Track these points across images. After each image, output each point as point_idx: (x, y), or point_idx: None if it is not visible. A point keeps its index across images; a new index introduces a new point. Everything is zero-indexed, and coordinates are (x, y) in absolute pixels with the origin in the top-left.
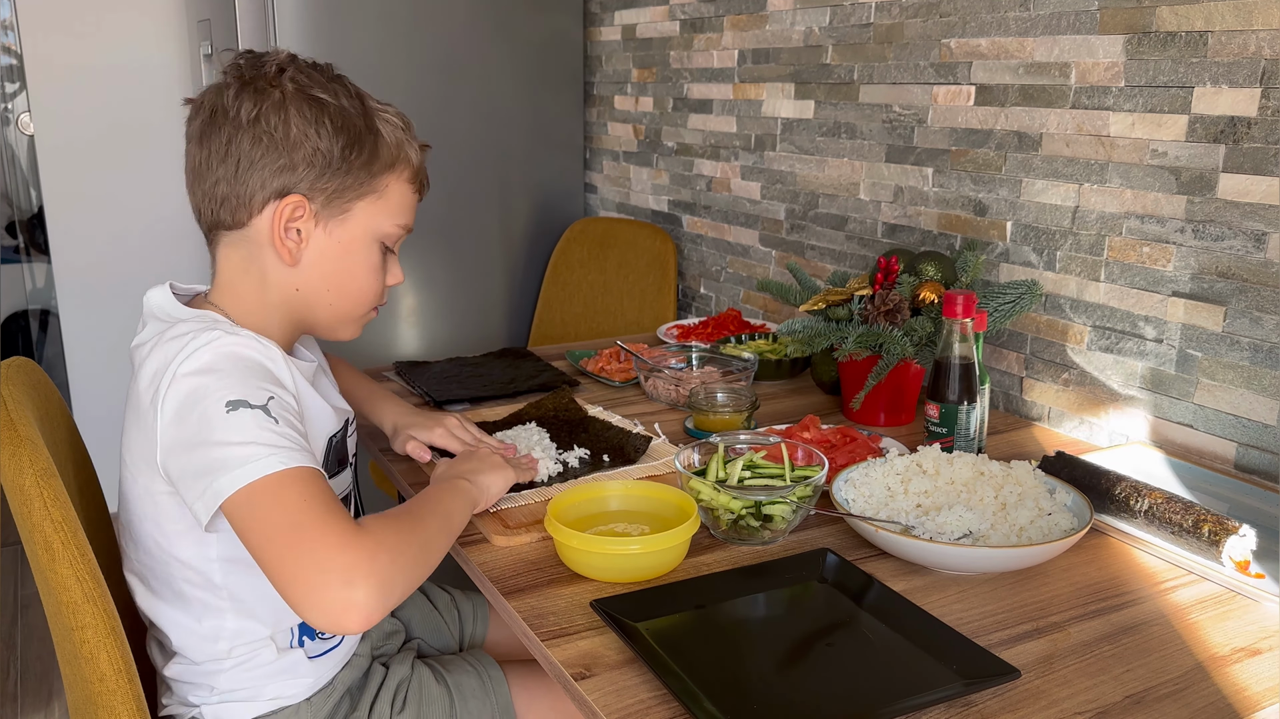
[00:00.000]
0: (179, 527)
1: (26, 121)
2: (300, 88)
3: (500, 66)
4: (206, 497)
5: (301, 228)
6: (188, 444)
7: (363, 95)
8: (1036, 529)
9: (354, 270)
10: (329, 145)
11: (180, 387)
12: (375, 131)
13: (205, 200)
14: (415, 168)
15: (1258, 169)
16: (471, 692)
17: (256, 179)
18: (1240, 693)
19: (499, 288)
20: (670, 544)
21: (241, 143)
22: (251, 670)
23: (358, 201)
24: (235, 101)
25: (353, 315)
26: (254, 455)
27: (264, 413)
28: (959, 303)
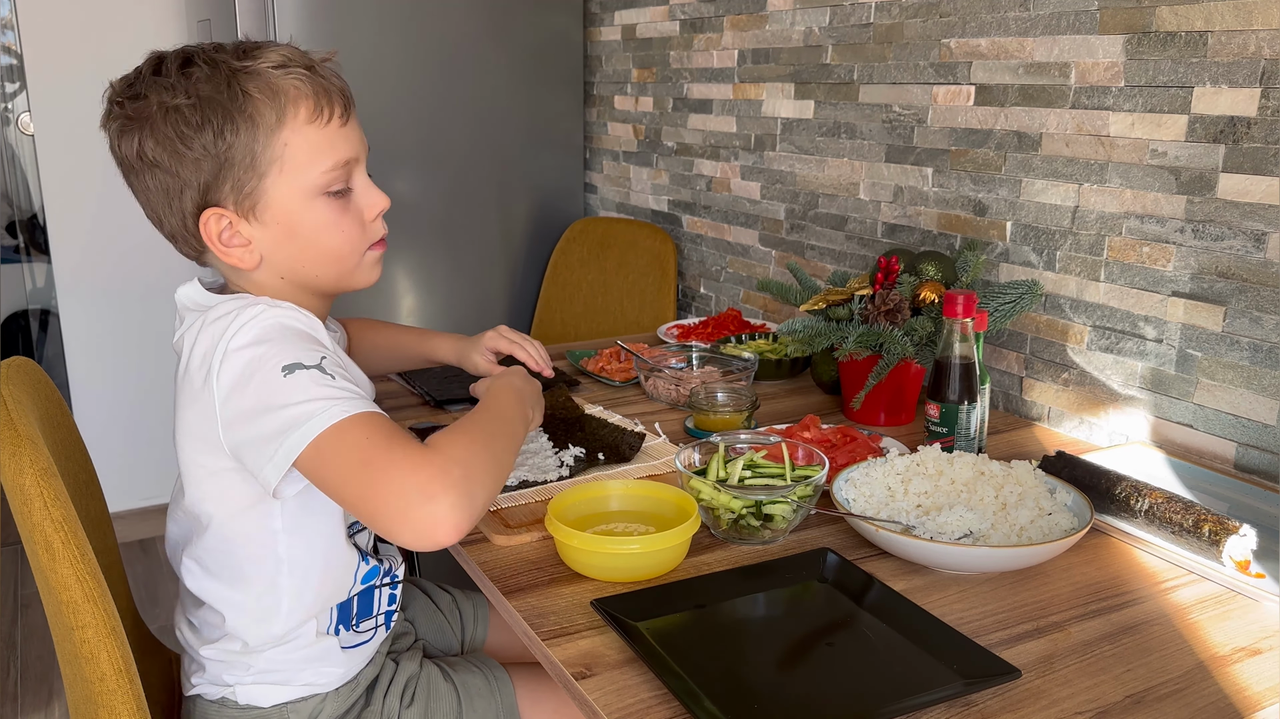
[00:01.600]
0: (243, 502)
1: (26, 121)
2: (160, 103)
3: (500, 66)
4: (278, 458)
5: (239, 231)
6: (250, 414)
7: (220, 63)
8: (1037, 529)
9: (313, 238)
10: (200, 144)
11: (234, 361)
12: (242, 98)
13: (169, 239)
14: (310, 102)
15: (1258, 169)
16: (478, 691)
17: (175, 209)
18: (1240, 693)
19: (499, 288)
20: (670, 544)
21: (145, 183)
22: (290, 654)
23: (265, 179)
24: (120, 147)
25: (347, 269)
26: (317, 410)
27: (319, 371)
28: (959, 303)
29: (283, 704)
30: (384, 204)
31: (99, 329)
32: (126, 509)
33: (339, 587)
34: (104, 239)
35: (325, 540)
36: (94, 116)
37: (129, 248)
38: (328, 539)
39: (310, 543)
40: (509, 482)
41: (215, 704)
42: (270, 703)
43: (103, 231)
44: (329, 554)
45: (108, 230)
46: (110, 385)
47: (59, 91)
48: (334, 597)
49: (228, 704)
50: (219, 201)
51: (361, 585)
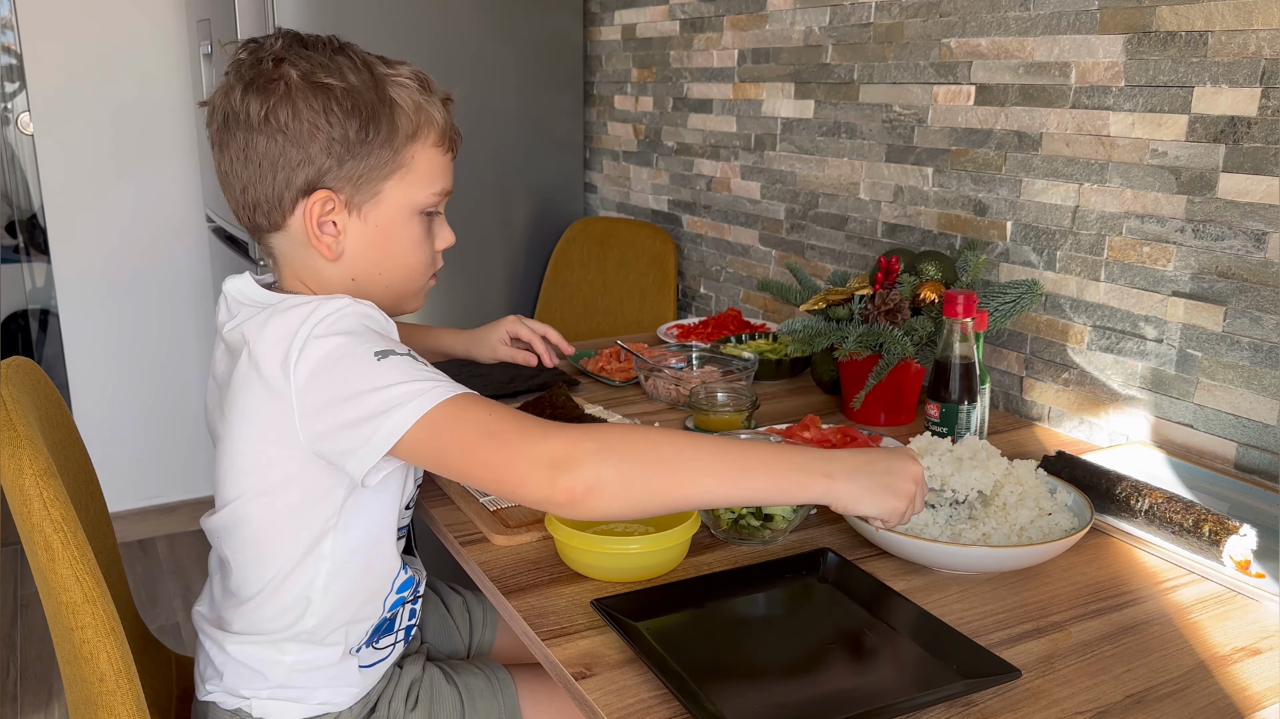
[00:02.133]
0: (307, 494)
1: (26, 121)
2: (303, 74)
3: (500, 66)
4: (376, 439)
5: (336, 220)
6: (336, 399)
7: (370, 63)
8: (1037, 529)
9: (400, 249)
10: (343, 131)
11: (317, 349)
12: (389, 103)
13: (240, 207)
14: (441, 128)
15: (1258, 169)
16: (480, 693)
17: (281, 179)
18: (1241, 693)
19: (499, 287)
20: (670, 544)
21: (257, 144)
22: (311, 670)
23: (386, 181)
24: (243, 103)
25: (410, 290)
26: (424, 389)
27: (412, 358)
28: (959, 302)
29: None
30: (453, 240)
31: (99, 329)
32: (126, 509)
33: (374, 594)
34: (104, 239)
35: (374, 539)
36: (94, 116)
37: (129, 248)
38: (376, 538)
39: (359, 539)
40: None
41: (229, 714)
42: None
43: (103, 231)
44: (375, 553)
45: (108, 230)
46: (110, 385)
47: (59, 91)
48: (367, 608)
49: (242, 716)
50: (333, 186)
51: (396, 595)
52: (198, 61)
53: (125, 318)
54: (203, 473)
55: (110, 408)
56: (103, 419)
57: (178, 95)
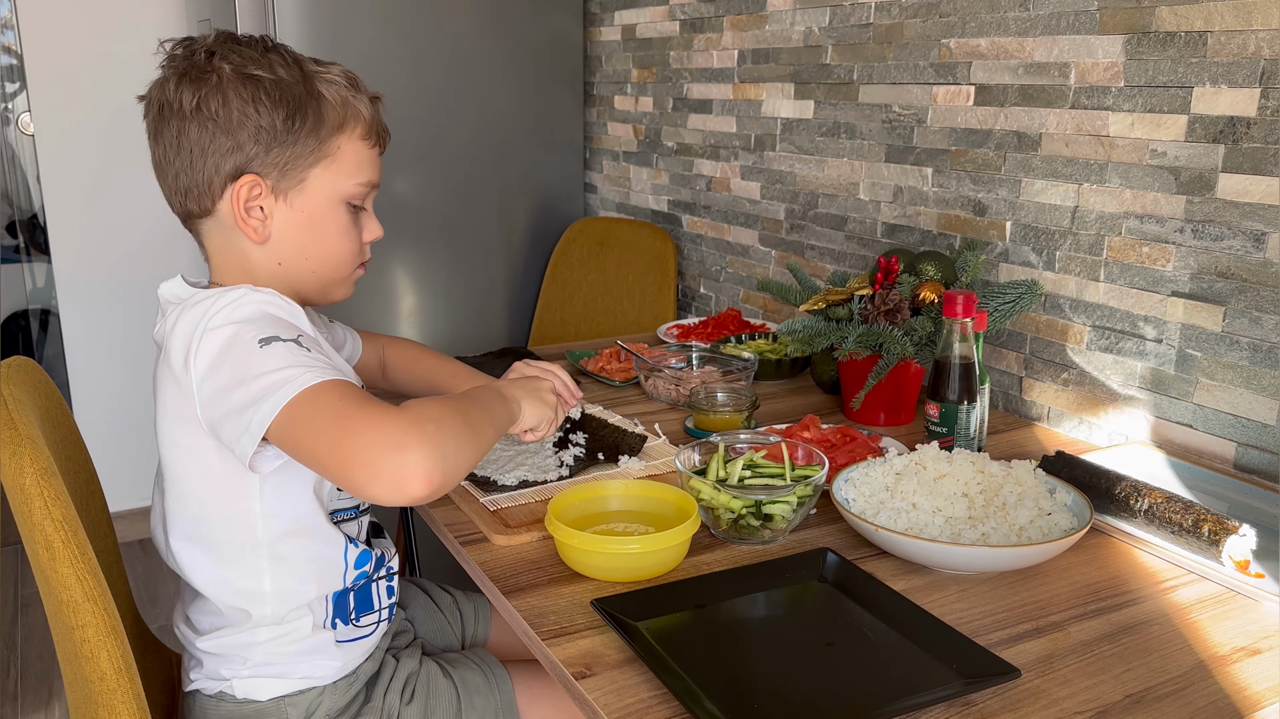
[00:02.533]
0: (222, 482)
1: (26, 121)
2: (235, 67)
3: (500, 66)
4: (252, 427)
5: (263, 204)
6: (226, 387)
7: (301, 61)
8: (1036, 529)
9: (325, 236)
10: (270, 119)
11: (212, 339)
12: (317, 96)
13: (172, 193)
14: (368, 123)
15: (1257, 169)
16: (477, 688)
17: (210, 165)
18: (1240, 692)
19: (499, 288)
20: (670, 544)
21: (189, 132)
22: (286, 646)
23: (312, 169)
24: (176, 93)
25: (336, 278)
26: (290, 377)
27: (295, 344)
28: (959, 302)
29: (280, 698)
30: (380, 233)
31: (99, 329)
32: (126, 509)
33: (329, 569)
34: (104, 239)
35: (303, 522)
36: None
37: (129, 248)
38: (305, 520)
39: (288, 525)
40: (508, 481)
41: (213, 699)
42: (268, 696)
43: (103, 231)
44: (310, 534)
45: (108, 230)
46: (110, 385)
47: (59, 91)
48: (326, 581)
49: (225, 698)
50: (260, 171)
51: (355, 571)
52: None
53: (125, 318)
54: None
55: (110, 408)
56: (103, 419)
57: None
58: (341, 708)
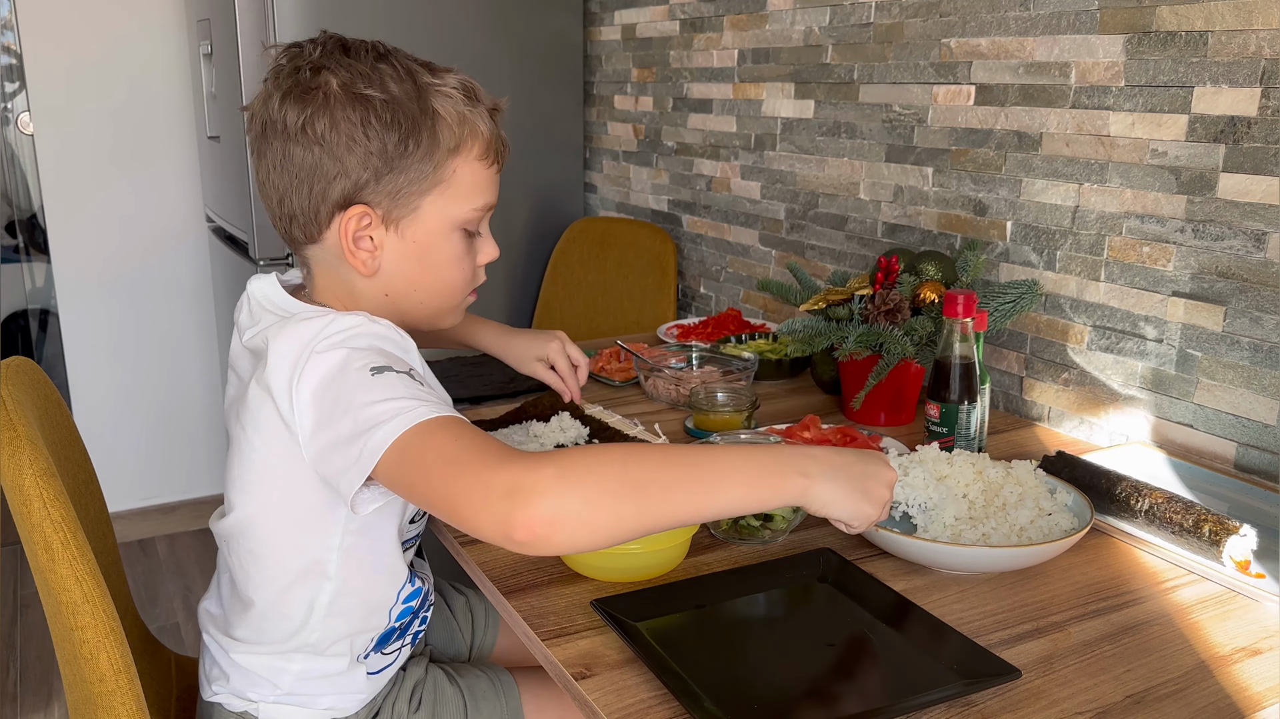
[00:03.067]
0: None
1: (26, 121)
2: (343, 84)
3: (500, 66)
4: (363, 458)
5: (373, 235)
6: (332, 417)
7: (414, 72)
8: (1037, 529)
9: (438, 266)
10: (381, 144)
11: (318, 364)
12: (432, 114)
13: (277, 218)
14: (485, 140)
15: (1258, 169)
16: (484, 695)
17: (317, 192)
18: (1241, 693)
19: (499, 288)
20: (670, 544)
21: (294, 154)
22: (319, 676)
23: (425, 196)
24: (280, 111)
25: (447, 308)
26: (405, 408)
27: (409, 376)
28: (959, 302)
29: None
30: (496, 254)
31: (99, 329)
32: (126, 509)
33: (378, 608)
34: (104, 239)
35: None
36: (94, 116)
37: (129, 248)
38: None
39: (362, 561)
40: None
41: (236, 715)
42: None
43: (103, 231)
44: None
45: (108, 230)
46: (110, 385)
47: (59, 91)
48: (372, 620)
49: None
50: (370, 200)
51: (403, 606)
52: (198, 62)
53: (125, 318)
54: (203, 473)
55: (110, 408)
56: (103, 419)
57: (178, 95)
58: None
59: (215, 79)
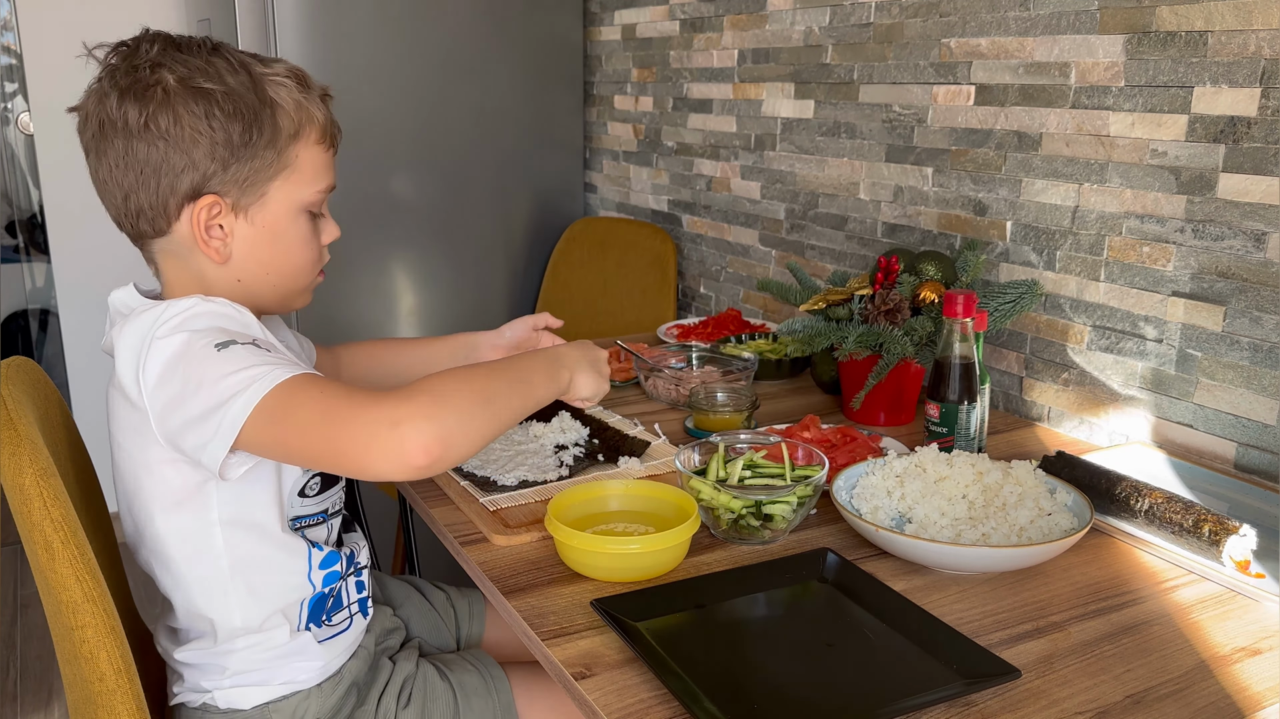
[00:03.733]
0: (178, 495)
1: (26, 121)
2: (181, 79)
3: (500, 66)
4: (223, 429)
5: (223, 224)
6: (183, 395)
7: (247, 63)
8: (1036, 529)
9: (288, 248)
10: (226, 134)
11: (160, 349)
12: (270, 103)
13: (122, 215)
14: (322, 126)
15: (1258, 169)
16: (475, 690)
17: (165, 185)
18: (1241, 693)
19: (499, 288)
20: (670, 544)
21: (137, 151)
22: (264, 652)
23: (272, 182)
24: (119, 110)
25: (297, 288)
26: (258, 375)
27: (254, 345)
28: (959, 302)
29: (264, 705)
30: (338, 234)
31: (99, 329)
32: None
33: (294, 577)
34: (104, 239)
35: (262, 530)
36: None
37: (129, 248)
38: (264, 529)
39: (248, 532)
40: (508, 481)
41: (197, 712)
42: (251, 704)
43: (103, 232)
44: (271, 543)
45: (108, 230)
46: None
47: (59, 91)
48: (295, 589)
49: (210, 710)
50: (219, 190)
51: (323, 572)
52: None
53: None
54: None
55: None
56: (102, 419)
57: None
58: (331, 710)
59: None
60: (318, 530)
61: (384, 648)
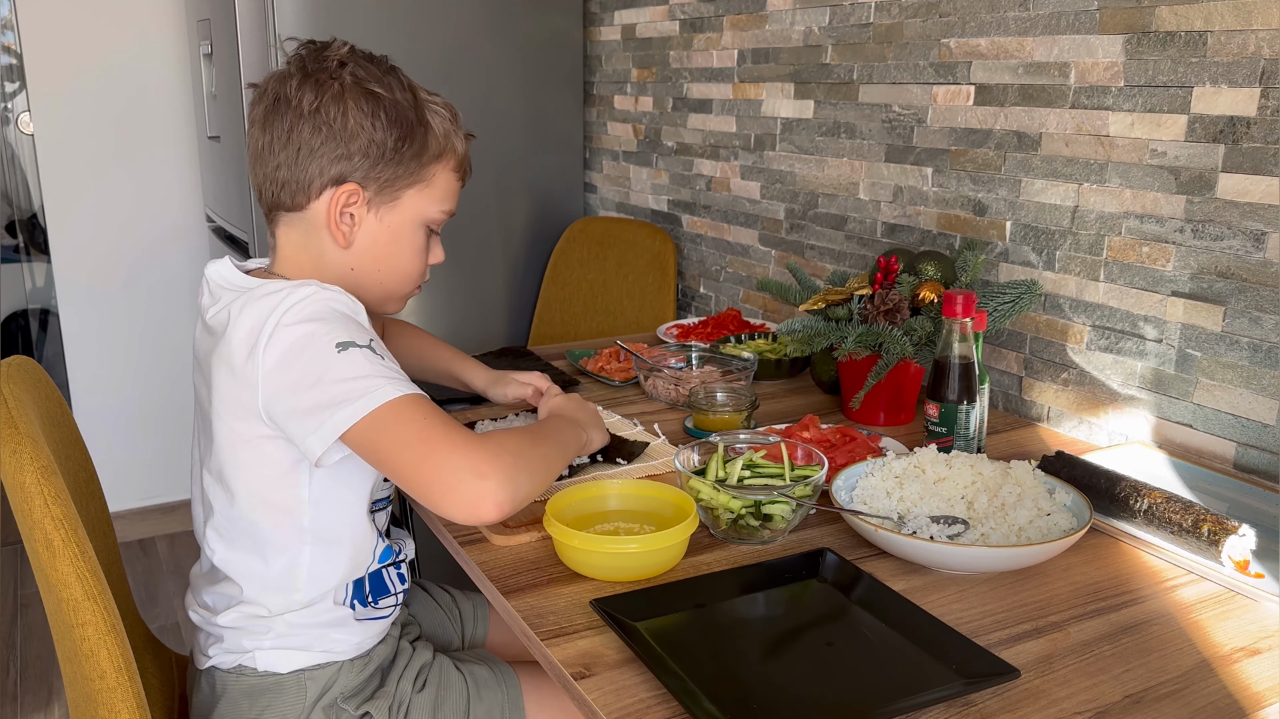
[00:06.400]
0: (278, 469)
1: (26, 121)
2: (358, 80)
3: (500, 66)
4: (325, 429)
5: (355, 213)
6: (297, 386)
7: (414, 88)
8: (1036, 529)
9: (402, 252)
10: (383, 137)
11: (284, 336)
12: (425, 124)
13: (266, 182)
14: (460, 157)
15: (1257, 169)
16: (486, 683)
17: (315, 166)
18: (1240, 692)
19: (499, 287)
20: (669, 543)
21: (302, 131)
22: (309, 618)
23: (407, 190)
24: (298, 91)
25: (399, 293)
26: (374, 386)
27: (371, 350)
28: (959, 302)
29: (300, 670)
30: (443, 258)
31: (99, 329)
32: (126, 509)
33: (359, 562)
34: (104, 239)
35: (350, 514)
36: (94, 116)
37: (129, 247)
38: (352, 513)
39: (335, 515)
40: None
41: (232, 674)
42: (289, 668)
43: (103, 231)
44: (353, 528)
45: (108, 230)
46: (110, 385)
47: (59, 91)
48: (353, 572)
49: (245, 672)
50: (361, 182)
51: (378, 564)
52: (198, 61)
53: (125, 318)
54: None
55: (110, 408)
56: (103, 419)
57: (178, 95)
58: (356, 688)
59: (215, 79)
60: (380, 516)
61: (404, 636)
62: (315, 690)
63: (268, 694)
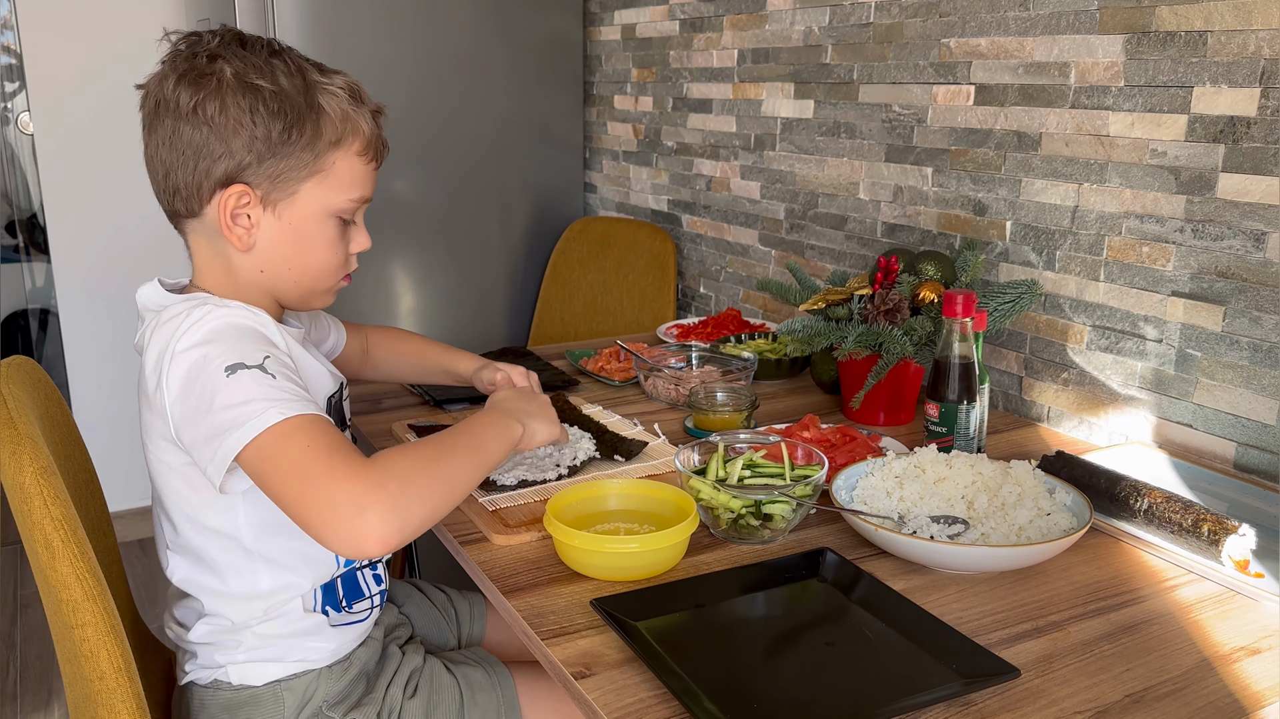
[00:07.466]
0: (206, 496)
1: (26, 121)
2: (236, 73)
3: (500, 66)
4: (217, 459)
5: (250, 214)
6: (194, 414)
7: (305, 70)
8: (1036, 529)
9: (311, 249)
10: (266, 130)
11: (180, 363)
12: (317, 109)
13: (161, 191)
14: (366, 138)
15: (1257, 169)
16: (480, 686)
17: (201, 169)
18: (1240, 692)
19: (499, 288)
20: (669, 543)
21: (183, 132)
22: (279, 629)
23: (304, 183)
24: (174, 91)
25: (319, 288)
26: (256, 412)
27: (260, 371)
28: (959, 302)
29: (276, 682)
30: (368, 245)
31: (99, 329)
32: (126, 509)
33: (321, 572)
34: (104, 239)
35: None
36: (94, 116)
37: (129, 248)
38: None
39: (277, 533)
40: (507, 481)
41: (209, 689)
42: (263, 681)
43: (103, 231)
44: (302, 543)
45: (108, 230)
46: (110, 385)
47: (59, 91)
48: (318, 579)
49: (221, 686)
50: (250, 181)
51: (344, 569)
52: None
53: (125, 318)
54: None
55: (110, 407)
56: (103, 419)
57: None
58: (340, 695)
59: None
60: None
61: (392, 638)
62: (294, 701)
63: (245, 708)
